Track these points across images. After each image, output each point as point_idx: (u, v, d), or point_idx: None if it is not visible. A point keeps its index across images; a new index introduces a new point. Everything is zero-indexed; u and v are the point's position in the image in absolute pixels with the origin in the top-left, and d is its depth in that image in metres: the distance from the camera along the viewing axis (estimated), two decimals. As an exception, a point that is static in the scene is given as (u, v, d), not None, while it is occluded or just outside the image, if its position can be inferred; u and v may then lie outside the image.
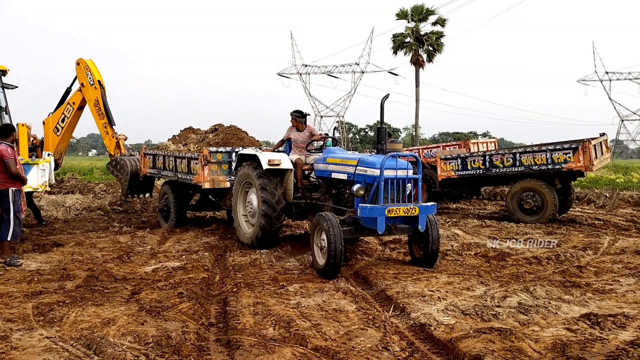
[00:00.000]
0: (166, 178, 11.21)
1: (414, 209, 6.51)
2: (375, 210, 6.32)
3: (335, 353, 3.95)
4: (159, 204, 11.64)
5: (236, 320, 4.71)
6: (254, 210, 8.12)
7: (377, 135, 7.16)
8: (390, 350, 4.07)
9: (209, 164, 9.63)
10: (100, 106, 12.36)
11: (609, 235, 9.77)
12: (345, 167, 7.25)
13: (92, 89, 12.29)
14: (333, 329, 4.51)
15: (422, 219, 6.58)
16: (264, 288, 5.90)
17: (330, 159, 7.66)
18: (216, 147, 10.37)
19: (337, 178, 7.45)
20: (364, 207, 6.40)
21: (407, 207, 6.49)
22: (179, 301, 5.27)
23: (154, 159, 11.70)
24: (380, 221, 6.32)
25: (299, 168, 8.15)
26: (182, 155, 10.55)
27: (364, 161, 6.94)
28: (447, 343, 4.17)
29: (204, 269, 6.74)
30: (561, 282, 6.13)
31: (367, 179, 6.76)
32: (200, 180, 9.62)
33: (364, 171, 6.83)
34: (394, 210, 6.38)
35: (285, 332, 4.40)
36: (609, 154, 12.34)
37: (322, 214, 6.58)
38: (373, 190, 6.60)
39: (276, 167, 7.84)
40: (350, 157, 7.41)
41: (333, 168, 7.52)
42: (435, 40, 37.25)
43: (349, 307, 5.15)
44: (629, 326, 4.53)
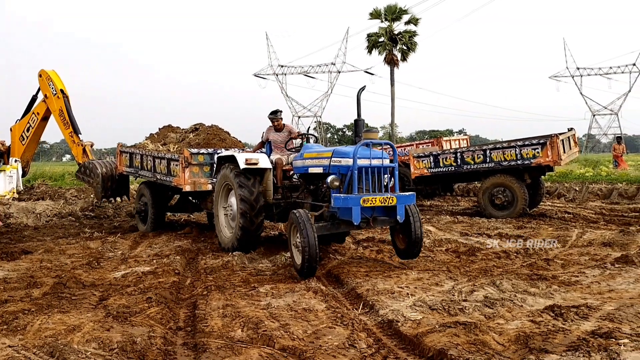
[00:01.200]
0: (144, 178, 10.82)
1: (391, 199, 6.34)
2: (349, 199, 6.17)
3: (302, 352, 3.96)
4: (136, 205, 11.27)
5: (204, 323, 4.69)
6: (234, 212, 7.91)
7: (355, 128, 7.11)
8: (357, 347, 4.09)
9: (190, 165, 9.36)
10: (65, 115, 12.19)
11: (577, 228, 9.97)
12: (321, 160, 7.13)
13: (55, 99, 12.14)
14: (301, 328, 4.53)
15: (400, 209, 6.43)
16: (235, 290, 5.88)
17: (307, 154, 7.56)
18: (197, 148, 10.11)
19: (313, 173, 7.34)
20: (337, 197, 6.27)
21: (383, 196, 6.31)
22: (147, 306, 5.22)
23: (130, 158, 11.24)
24: (355, 211, 6.16)
25: (279, 168, 8.01)
26: (161, 156, 10.17)
27: (337, 152, 6.85)
28: (413, 338, 4.22)
29: (174, 273, 6.70)
30: (528, 276, 6.24)
31: (341, 169, 6.65)
32: (180, 183, 9.37)
33: (338, 162, 6.73)
34: (369, 200, 6.21)
35: (254, 333, 4.40)
36: (576, 148, 12.59)
37: (294, 211, 6.41)
38: (347, 181, 6.48)
39: (254, 166, 7.65)
40: (326, 149, 7.30)
41: (309, 163, 7.40)
42: (409, 39, 37.59)
43: (319, 307, 5.17)
44: (591, 317, 4.62)
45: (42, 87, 12.44)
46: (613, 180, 15.61)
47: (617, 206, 13.26)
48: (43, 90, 12.33)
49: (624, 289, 5.62)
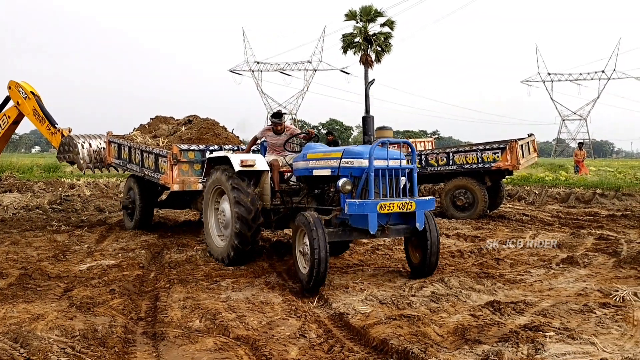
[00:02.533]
0: (132, 172, 10.29)
1: (410, 204, 5.76)
2: (366, 205, 5.55)
3: (254, 341, 4.23)
4: (123, 200, 10.74)
5: (164, 314, 4.94)
6: (227, 219, 7.11)
7: (364, 126, 6.45)
8: (307, 337, 4.38)
9: (179, 163, 8.75)
10: (39, 112, 12.17)
11: (532, 230, 10.43)
12: (329, 162, 6.46)
13: (27, 102, 12.14)
14: (257, 319, 4.80)
15: (419, 215, 5.85)
16: (197, 284, 6.12)
17: (310, 154, 6.84)
18: (188, 143, 9.47)
19: (319, 175, 6.62)
20: (352, 202, 5.63)
21: (401, 201, 5.72)
22: (110, 297, 5.43)
23: (119, 149, 10.61)
24: (372, 219, 5.56)
25: (275, 170, 7.31)
26: (149, 150, 9.54)
27: (349, 152, 6.17)
28: (360, 329, 4.52)
29: (139, 267, 6.89)
30: (476, 274, 6.60)
31: (353, 171, 6.02)
32: (168, 181, 8.80)
33: (350, 163, 6.07)
34: (386, 206, 5.62)
35: (211, 323, 4.66)
36: (535, 153, 13.08)
37: (303, 213, 5.81)
38: (361, 184, 5.86)
39: (250, 168, 6.96)
40: (334, 149, 6.67)
41: (314, 164, 6.70)
42: (384, 40, 38.02)
43: (276, 300, 5.44)
44: (526, 312, 4.99)
45: (12, 96, 12.43)
46: (571, 185, 16.25)
47: (574, 210, 13.83)
48: (14, 99, 12.32)
49: (563, 287, 6.02)
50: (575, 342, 4.14)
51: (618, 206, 13.96)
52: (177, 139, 10.01)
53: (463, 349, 4.06)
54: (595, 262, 7.30)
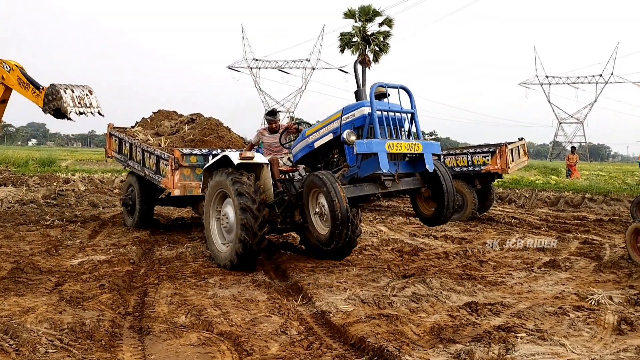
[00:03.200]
0: (133, 169, 10.05)
1: (417, 145, 5.76)
2: (373, 144, 5.56)
3: (237, 337, 4.39)
4: (123, 196, 10.51)
5: (151, 309, 5.09)
6: (231, 224, 6.89)
7: (356, 99, 6.38)
8: (288, 334, 4.54)
9: (181, 167, 8.51)
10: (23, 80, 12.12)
11: (519, 233, 10.61)
12: (329, 127, 6.35)
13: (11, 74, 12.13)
14: (241, 316, 4.95)
15: (427, 156, 5.82)
16: (185, 280, 6.27)
17: (309, 130, 6.79)
18: (190, 145, 9.25)
19: (322, 145, 6.50)
20: (360, 142, 5.59)
21: (408, 142, 5.74)
22: (100, 292, 5.57)
23: (120, 143, 10.33)
24: (382, 156, 5.54)
25: (275, 164, 7.19)
26: (150, 150, 9.27)
27: (348, 107, 6.15)
28: (341, 327, 4.68)
29: (129, 263, 7.03)
30: (459, 275, 6.77)
31: (356, 122, 5.97)
32: (169, 186, 8.61)
33: (351, 116, 6.04)
34: (395, 146, 5.61)
35: (196, 319, 4.81)
36: (525, 157, 13.26)
37: (316, 173, 5.75)
38: (366, 130, 5.83)
39: (249, 161, 6.84)
40: (331, 114, 6.51)
41: (314, 137, 6.59)
42: (382, 40, 38.16)
43: (261, 297, 5.60)
44: (502, 313, 5.16)
45: None
46: (561, 189, 16.47)
47: (562, 213, 14.02)
48: None
49: (542, 290, 6.19)
50: (546, 343, 4.31)
51: (606, 211, 14.17)
52: (180, 140, 9.77)
53: (437, 348, 4.22)
54: (577, 266, 7.47)
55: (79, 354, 3.93)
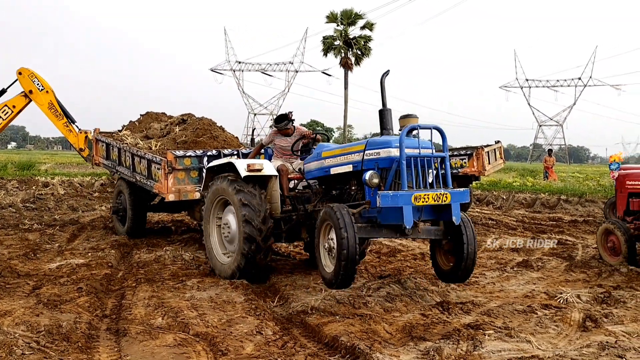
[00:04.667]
0: (122, 175, 9.59)
1: (445, 195, 5.21)
2: (400, 197, 5.05)
3: (212, 337, 4.47)
4: (113, 204, 10.00)
5: (128, 312, 5.15)
6: (233, 234, 6.51)
7: (380, 119, 5.85)
8: (263, 334, 4.63)
9: (175, 171, 8.09)
10: (56, 107, 12.18)
11: (495, 234, 10.81)
12: (349, 156, 5.89)
13: (43, 94, 12.13)
14: (217, 317, 5.03)
15: (455, 208, 5.31)
16: (164, 283, 6.32)
17: (326, 152, 6.29)
18: (183, 148, 8.83)
19: (338, 173, 6.07)
20: (385, 194, 5.10)
21: (436, 192, 5.18)
22: (77, 295, 5.61)
23: (107, 149, 9.92)
24: (407, 211, 5.06)
25: (284, 176, 6.69)
26: (141, 155, 8.82)
27: (374, 142, 5.63)
28: (315, 327, 4.80)
29: (107, 266, 7.06)
30: (433, 275, 6.87)
31: (380, 163, 5.47)
32: (162, 191, 8.17)
33: (375, 154, 5.53)
34: (421, 197, 5.09)
35: (172, 321, 4.88)
36: (502, 160, 13.52)
37: (331, 205, 5.30)
38: (391, 176, 5.33)
39: (257, 173, 6.32)
40: (354, 143, 6.12)
41: (332, 162, 6.13)
42: (364, 44, 38.43)
43: (238, 299, 5.67)
44: (473, 312, 5.31)
45: (23, 84, 12.38)
46: (537, 191, 16.76)
47: (538, 215, 14.29)
48: (26, 87, 12.26)
49: (513, 289, 6.36)
50: (513, 340, 4.46)
51: (581, 212, 14.47)
52: (171, 142, 9.35)
53: (408, 345, 4.35)
54: (549, 266, 7.67)
55: (55, 356, 3.99)
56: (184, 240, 9.31)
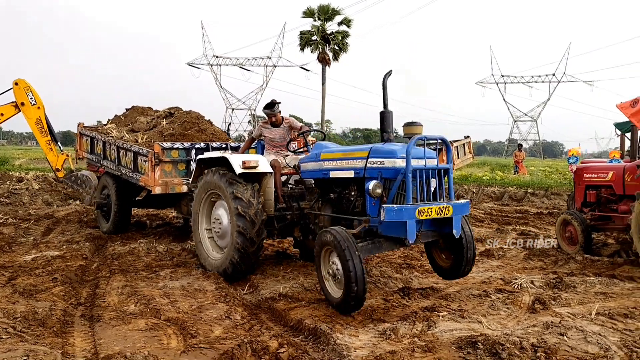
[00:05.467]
0: (107, 169, 9.48)
1: (448, 208, 5.10)
2: (405, 211, 4.89)
3: (183, 322, 4.71)
4: (97, 199, 9.77)
5: (102, 300, 5.36)
6: (224, 229, 6.44)
7: (381, 122, 5.66)
8: (232, 318, 4.88)
9: (161, 163, 7.97)
10: (43, 124, 12.26)
11: (462, 226, 11.18)
12: (351, 162, 5.73)
13: (34, 109, 12.18)
14: (188, 304, 5.27)
15: (456, 220, 5.22)
16: (137, 273, 6.53)
17: (325, 154, 6.13)
18: (171, 140, 8.68)
19: (338, 177, 5.91)
20: (390, 209, 4.90)
21: (439, 205, 5.06)
22: (52, 285, 5.79)
23: (92, 143, 9.82)
24: (411, 226, 4.92)
25: (277, 172, 6.56)
26: (126, 147, 8.68)
27: (378, 151, 5.43)
28: (282, 312, 5.07)
29: (82, 258, 7.23)
30: (399, 264, 7.23)
31: (384, 173, 5.28)
32: (149, 183, 8.05)
33: (379, 163, 5.34)
34: (425, 211, 4.95)
35: (145, 307, 5.10)
36: (471, 154, 13.91)
37: (328, 230, 5.11)
38: (396, 187, 5.15)
39: (252, 170, 6.24)
40: (356, 148, 5.94)
41: (331, 165, 5.98)
42: (341, 40, 38.69)
43: (209, 287, 5.91)
44: (432, 296, 5.63)
45: (17, 94, 12.40)
46: (505, 184, 17.25)
47: (506, 207, 14.75)
48: (19, 98, 12.29)
49: (473, 276, 6.70)
50: (465, 320, 4.79)
51: (547, 204, 14.97)
52: (158, 135, 9.20)
53: (367, 327, 4.65)
54: (509, 255, 8.06)
55: (31, 340, 4.18)
56: (158, 233, 9.50)
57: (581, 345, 4.20)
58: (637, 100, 7.22)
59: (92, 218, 11.06)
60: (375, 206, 5.30)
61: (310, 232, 6.48)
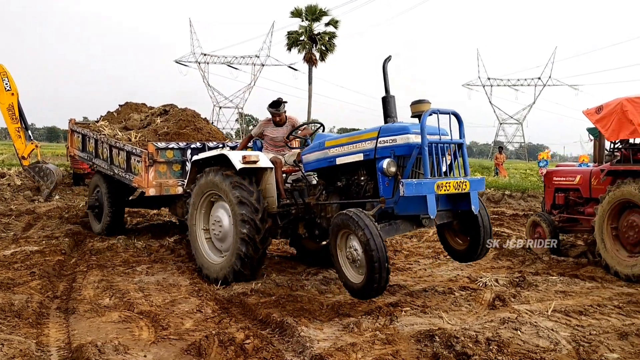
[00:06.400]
0: (99, 168, 9.15)
1: (465, 183, 5.01)
2: (424, 185, 4.76)
3: (155, 315, 4.89)
4: (88, 200, 9.52)
5: (78, 293, 5.53)
6: (225, 232, 6.19)
7: (384, 106, 5.58)
8: (203, 312, 5.07)
9: (156, 163, 7.69)
10: (15, 111, 12.29)
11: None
12: (359, 145, 5.52)
13: (8, 94, 12.22)
14: (161, 298, 5.45)
15: (474, 196, 5.12)
16: (114, 268, 6.70)
17: (330, 141, 5.91)
18: (165, 139, 8.39)
19: (345, 163, 5.70)
20: (409, 182, 4.76)
21: (457, 180, 4.97)
22: (30, 279, 5.94)
23: (83, 140, 9.50)
24: (431, 200, 4.79)
25: (278, 168, 6.32)
26: (119, 146, 8.36)
27: (389, 129, 5.30)
28: (253, 307, 5.26)
29: (61, 253, 7.36)
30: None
31: (397, 150, 5.13)
32: (142, 185, 7.77)
33: (391, 141, 5.19)
34: (443, 186, 4.85)
35: (119, 301, 5.28)
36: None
37: (344, 211, 4.93)
38: (411, 164, 5.02)
39: (252, 165, 6.01)
40: (363, 131, 5.74)
41: (338, 151, 5.76)
42: (328, 40, 38.90)
43: (184, 282, 6.09)
44: (398, 293, 5.85)
45: None
46: (484, 186, 17.56)
47: (484, 209, 15.05)
48: None
49: (441, 275, 6.95)
50: (426, 315, 5.02)
51: (523, 206, 15.30)
52: (152, 133, 8.88)
53: (333, 321, 4.86)
54: (479, 255, 8.30)
55: (7, 330, 4.34)
56: (138, 230, 9.64)
57: (533, 339, 4.44)
58: (602, 107, 7.50)
59: (74, 214, 11.16)
60: (389, 187, 5.17)
61: (316, 226, 6.19)
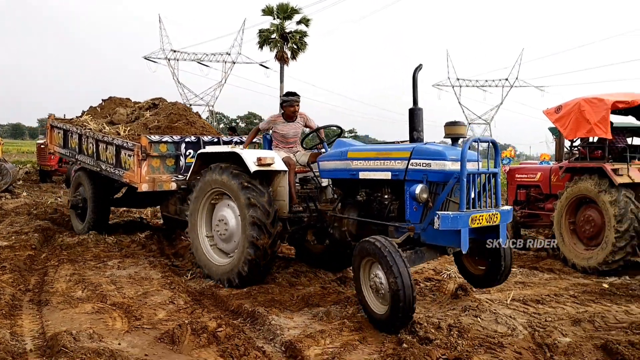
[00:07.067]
0: (83, 165, 8.73)
1: (496, 216, 4.75)
2: (460, 219, 4.48)
3: (128, 307, 4.98)
4: (71, 197, 9.11)
5: (50, 286, 5.58)
6: (230, 232, 5.94)
7: (412, 120, 5.31)
8: (175, 303, 5.18)
9: (149, 158, 7.35)
10: None
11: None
12: (388, 163, 5.18)
13: None
14: (134, 290, 5.54)
15: (502, 228, 4.88)
16: (85, 263, 6.73)
17: (354, 152, 5.58)
18: (157, 133, 8.02)
19: (370, 179, 5.40)
20: (445, 215, 4.47)
21: (489, 213, 4.70)
22: (1, 273, 5.95)
23: (65, 136, 9.10)
24: (464, 235, 4.53)
25: (292, 170, 6.00)
26: (108, 140, 7.97)
27: (423, 151, 4.93)
28: (225, 298, 5.39)
29: (31, 248, 7.35)
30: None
31: (430, 176, 4.82)
32: (134, 180, 7.41)
33: (425, 165, 4.85)
34: (477, 219, 4.59)
35: (92, 293, 5.35)
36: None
37: (371, 239, 4.61)
38: (446, 193, 4.69)
39: (267, 168, 5.71)
40: (394, 147, 5.38)
41: (362, 165, 5.44)
42: (299, 39, 38.98)
43: (155, 276, 6.18)
44: (366, 284, 6.05)
45: None
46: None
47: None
48: None
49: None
50: (392, 305, 5.21)
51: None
52: (142, 127, 8.49)
53: (303, 310, 5.04)
54: (446, 249, 8.57)
55: (-21, 322, 4.38)
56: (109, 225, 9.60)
57: (492, 325, 4.70)
58: (561, 107, 7.85)
59: (42, 211, 11.07)
60: (417, 212, 4.90)
61: (327, 236, 5.91)
